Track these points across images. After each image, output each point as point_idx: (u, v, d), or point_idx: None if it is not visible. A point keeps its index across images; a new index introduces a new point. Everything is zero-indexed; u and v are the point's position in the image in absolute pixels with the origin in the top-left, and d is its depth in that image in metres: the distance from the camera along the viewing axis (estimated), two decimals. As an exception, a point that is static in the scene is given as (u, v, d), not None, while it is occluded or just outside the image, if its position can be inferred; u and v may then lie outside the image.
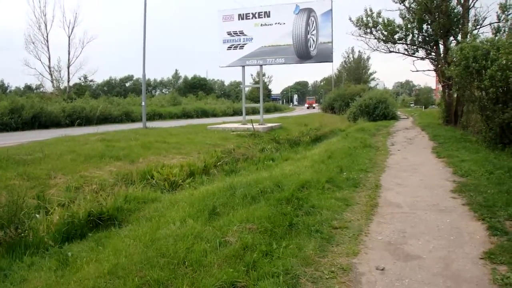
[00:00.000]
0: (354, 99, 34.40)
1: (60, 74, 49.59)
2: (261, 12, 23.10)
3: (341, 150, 12.27)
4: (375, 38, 24.24)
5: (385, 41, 24.08)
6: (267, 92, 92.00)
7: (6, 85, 72.31)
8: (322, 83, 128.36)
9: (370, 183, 8.33)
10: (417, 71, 24.31)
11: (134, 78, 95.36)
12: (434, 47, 23.25)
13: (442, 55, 22.24)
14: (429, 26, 22.65)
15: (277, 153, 14.48)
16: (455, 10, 21.59)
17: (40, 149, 11.55)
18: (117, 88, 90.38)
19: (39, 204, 7.05)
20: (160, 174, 9.41)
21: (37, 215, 6.51)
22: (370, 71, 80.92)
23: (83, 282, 3.87)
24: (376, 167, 10.24)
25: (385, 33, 23.63)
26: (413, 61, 24.11)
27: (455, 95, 21.08)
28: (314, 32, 22.20)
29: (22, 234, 5.67)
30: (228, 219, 5.35)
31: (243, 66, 23.94)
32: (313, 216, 5.70)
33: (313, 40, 22.26)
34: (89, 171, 9.77)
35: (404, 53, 24.40)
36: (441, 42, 22.69)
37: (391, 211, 6.29)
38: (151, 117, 35.82)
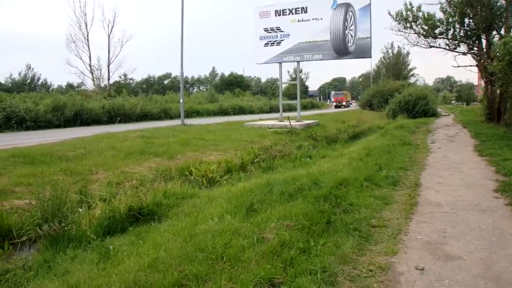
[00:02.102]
0: (393, 96, 33.76)
1: (100, 72, 50.87)
2: (298, 8, 22.94)
3: (380, 148, 12.09)
4: (415, 33, 23.71)
5: (426, 36, 23.51)
6: (304, 89, 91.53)
7: (49, 83, 74.48)
8: (360, 79, 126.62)
9: (410, 181, 8.17)
10: (458, 66, 23.72)
11: (172, 76, 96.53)
12: (476, 42, 22.54)
13: (484, 50, 21.56)
14: (471, 20, 21.94)
15: (314, 150, 14.39)
16: (498, 3, 20.82)
17: (82, 146, 11.90)
18: (155, 86, 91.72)
19: (82, 198, 7.25)
20: (198, 170, 9.51)
21: (79, 209, 6.71)
22: (410, 66, 78.81)
23: (124, 275, 3.95)
24: (416, 165, 10.04)
25: (426, 27, 23.08)
26: (454, 56, 23.51)
27: (498, 92, 20.39)
28: (352, 27, 21.87)
29: (66, 228, 5.85)
30: (265, 216, 5.36)
31: (280, 63, 23.88)
32: (351, 214, 5.66)
33: (351, 36, 21.94)
34: (129, 167, 9.99)
35: (445, 48, 23.77)
36: (483, 36, 21.95)
37: (431, 210, 6.16)
38: (189, 114, 36.21)
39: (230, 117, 38.45)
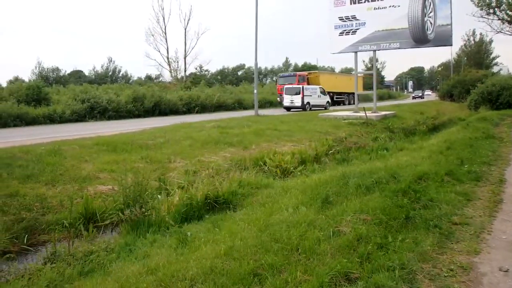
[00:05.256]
0: (475, 86, 31.96)
1: (177, 64, 52.47)
2: (375, -5, 22.18)
3: (461, 141, 11.50)
4: (499, 19, 22.26)
5: (510, 22, 21.98)
6: (380, 79, 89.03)
7: (129, 75, 77.95)
8: (439, 69, 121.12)
9: (494, 177, 7.69)
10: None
11: (246, 67, 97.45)
12: None
13: None
14: None
15: (391, 143, 14.01)
16: None
17: (161, 135, 12.34)
18: (229, 77, 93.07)
19: (161, 185, 7.52)
20: (272, 161, 9.55)
21: (159, 196, 6.95)
22: (493, 55, 74.07)
23: (201, 261, 4.04)
24: (500, 160, 9.45)
25: (510, 13, 21.57)
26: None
27: None
28: (432, 14, 20.83)
29: (146, 213, 6.10)
30: (341, 209, 5.27)
31: (356, 52, 23.28)
32: (431, 210, 5.42)
33: (431, 23, 20.91)
34: (205, 156, 10.21)
35: (532, 35, 22.15)
36: None
37: (518, 208, 5.76)
38: (262, 104, 36.50)
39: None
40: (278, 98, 39.19)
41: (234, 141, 12.08)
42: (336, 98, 43.08)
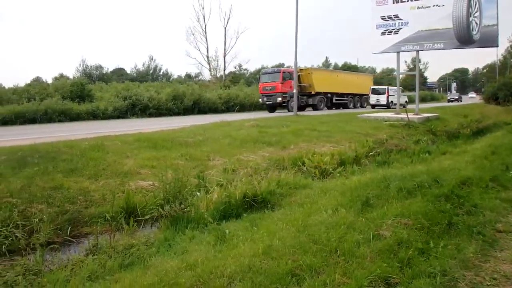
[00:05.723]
0: (523, 88, 30.86)
1: (217, 63, 52.97)
2: (418, -6, 21.67)
3: (507, 146, 11.09)
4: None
5: None
6: (423, 80, 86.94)
7: (170, 73, 79.14)
8: (484, 71, 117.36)
9: (543, 184, 7.39)
10: None
11: (285, 66, 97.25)
12: None
13: None
14: None
15: (433, 146, 13.71)
16: None
17: (200, 133, 12.48)
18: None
19: (200, 183, 7.60)
20: (311, 161, 9.49)
21: (197, 193, 7.03)
22: (542, 56, 71.14)
23: (239, 259, 4.07)
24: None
25: None
26: None
27: None
28: (477, 14, 20.17)
29: (185, 210, 6.18)
30: (381, 212, 5.20)
31: (398, 52, 22.82)
32: (475, 217, 5.26)
33: (476, 23, 20.25)
34: (243, 155, 10.26)
35: None
36: None
37: None
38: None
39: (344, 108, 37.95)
40: (260, 99, 32.84)
41: (272, 141, 12.07)
42: (336, 100, 36.82)
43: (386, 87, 33.89)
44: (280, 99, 30.74)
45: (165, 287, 3.72)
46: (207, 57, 52.14)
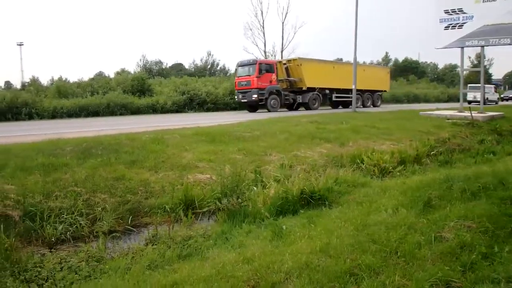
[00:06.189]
0: None
1: (274, 58, 52.83)
2: (484, -14, 20.65)
3: None
4: None
5: None
6: (487, 77, 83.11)
7: (227, 69, 79.93)
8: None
9: None
10: None
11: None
12: None
13: None
14: None
15: (498, 146, 13.04)
16: None
17: (257, 128, 12.51)
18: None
19: (256, 178, 7.60)
20: (370, 159, 9.28)
21: (254, 188, 7.05)
22: None
23: (296, 256, 4.04)
24: None
25: None
26: None
27: None
28: (548, 7, 19.01)
29: (242, 204, 6.22)
30: (444, 214, 4.99)
31: (462, 48, 21.85)
32: (543, 221, 4.96)
33: (547, 17, 19.08)
34: (300, 151, 10.18)
35: None
36: None
37: None
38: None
39: (403, 105, 37.17)
40: (236, 96, 27.58)
41: (330, 137, 11.92)
42: (337, 97, 30.19)
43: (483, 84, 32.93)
44: (255, 96, 25.34)
45: (222, 279, 3.75)
46: (265, 52, 52.10)
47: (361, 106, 30.90)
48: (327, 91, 29.54)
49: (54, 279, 4.39)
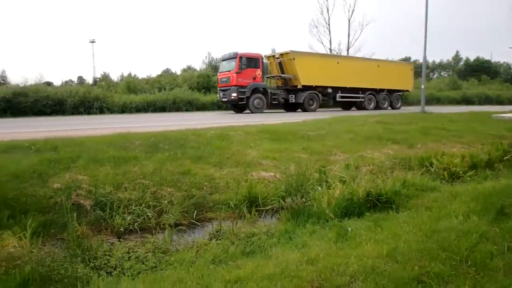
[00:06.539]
0: None
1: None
2: None
3: None
4: None
5: None
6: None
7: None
8: None
9: None
10: None
11: (411, 60, 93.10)
12: None
13: None
14: None
15: None
16: None
17: (322, 127, 12.43)
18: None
19: (321, 177, 7.51)
20: (440, 162, 8.92)
21: (319, 188, 6.96)
22: None
23: (362, 259, 3.97)
24: None
25: None
26: None
27: None
28: None
29: (306, 203, 6.16)
30: (518, 223, 4.75)
31: (541, 48, 20.55)
32: None
33: None
34: (366, 152, 9.97)
35: None
36: None
37: None
38: (428, 101, 34.59)
39: (474, 106, 35.55)
40: (218, 95, 25.11)
41: (398, 138, 11.59)
42: (342, 97, 26.96)
43: None
44: (234, 94, 22.41)
45: (286, 278, 3.74)
46: (330, 50, 51.65)
47: (373, 108, 28.08)
48: (330, 90, 26.34)
49: (122, 267, 4.53)
